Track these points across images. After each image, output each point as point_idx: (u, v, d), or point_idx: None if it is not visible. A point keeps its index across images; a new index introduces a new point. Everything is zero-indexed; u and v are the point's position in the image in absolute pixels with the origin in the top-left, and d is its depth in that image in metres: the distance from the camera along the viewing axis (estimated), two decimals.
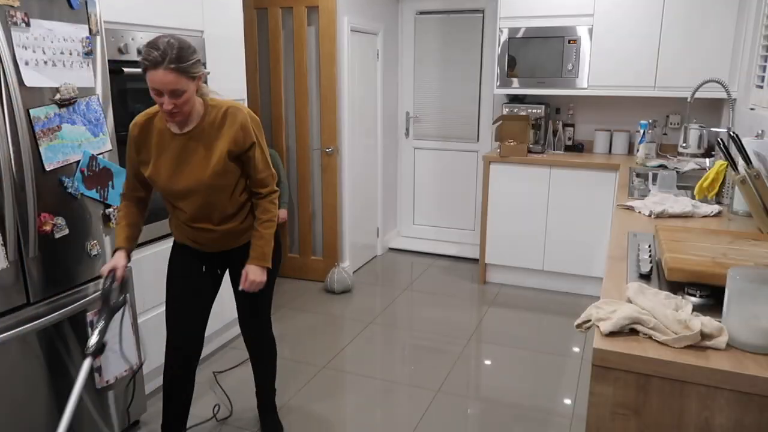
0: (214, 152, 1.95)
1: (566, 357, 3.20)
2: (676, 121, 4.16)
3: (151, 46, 1.77)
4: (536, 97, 4.35)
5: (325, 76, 4.01)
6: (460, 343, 3.35)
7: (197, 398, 2.73)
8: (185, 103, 1.85)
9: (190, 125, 1.97)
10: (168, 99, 1.81)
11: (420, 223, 5.21)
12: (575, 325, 1.35)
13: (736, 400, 1.14)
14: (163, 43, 1.77)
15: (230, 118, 1.96)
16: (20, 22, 1.85)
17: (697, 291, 1.43)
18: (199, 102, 1.97)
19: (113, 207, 2.25)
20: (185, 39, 1.85)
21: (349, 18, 4.07)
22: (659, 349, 1.20)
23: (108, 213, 2.24)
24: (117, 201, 2.26)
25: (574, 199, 3.89)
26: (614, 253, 1.85)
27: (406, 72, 4.97)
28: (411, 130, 5.05)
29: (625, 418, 1.24)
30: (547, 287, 4.18)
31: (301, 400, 2.78)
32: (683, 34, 3.69)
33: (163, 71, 1.76)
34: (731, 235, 1.75)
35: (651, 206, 2.36)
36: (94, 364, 2.22)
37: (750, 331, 1.18)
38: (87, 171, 2.12)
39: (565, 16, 3.92)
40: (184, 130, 1.97)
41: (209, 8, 2.88)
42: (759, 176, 1.95)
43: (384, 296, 4.05)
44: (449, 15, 4.72)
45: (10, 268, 1.89)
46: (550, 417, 2.65)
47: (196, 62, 1.85)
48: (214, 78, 2.94)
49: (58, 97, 1.99)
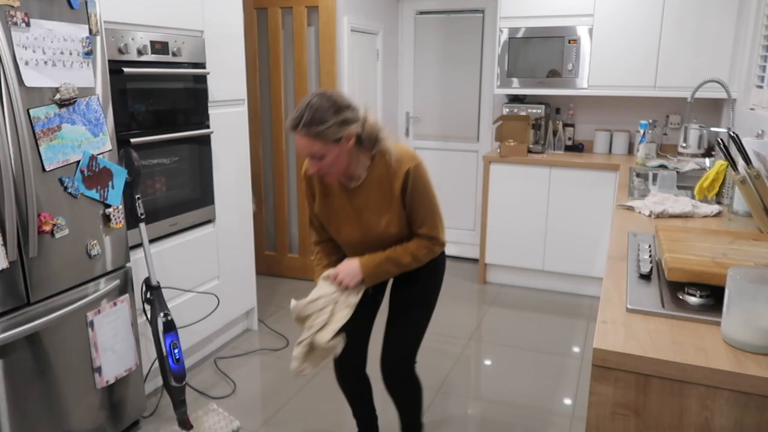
0: (383, 205, 1.87)
1: (566, 357, 3.20)
2: (676, 121, 4.16)
3: (299, 106, 1.74)
4: (536, 97, 4.35)
5: (325, 76, 4.01)
6: (460, 343, 3.35)
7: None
8: (331, 165, 1.76)
9: (356, 182, 1.89)
10: (310, 161, 1.77)
11: None
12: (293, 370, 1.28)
13: (736, 400, 1.14)
14: (303, 104, 1.72)
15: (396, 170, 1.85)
16: (20, 22, 1.85)
17: (697, 291, 1.43)
18: (365, 156, 1.86)
19: (113, 207, 2.25)
20: (337, 96, 1.77)
21: (349, 18, 4.07)
22: (659, 349, 1.20)
23: (108, 213, 2.24)
24: (117, 201, 2.26)
25: (574, 200, 3.89)
26: (614, 253, 1.85)
27: (406, 72, 4.97)
28: (411, 130, 5.05)
29: (625, 418, 1.24)
30: (547, 287, 4.18)
31: (301, 400, 2.78)
32: (683, 34, 3.70)
33: (298, 135, 1.73)
34: (731, 235, 1.75)
35: (651, 206, 2.36)
36: (95, 363, 2.23)
37: (750, 331, 1.18)
38: (87, 171, 2.12)
39: (565, 16, 3.92)
40: (351, 186, 1.89)
41: (209, 8, 2.88)
42: (759, 176, 1.95)
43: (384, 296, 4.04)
44: (449, 15, 4.72)
45: (10, 268, 1.89)
46: (550, 417, 2.65)
47: (336, 125, 1.72)
48: (214, 78, 2.95)
49: (58, 97, 1.99)
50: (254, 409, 2.71)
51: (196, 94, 2.85)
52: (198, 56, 2.83)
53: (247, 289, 3.42)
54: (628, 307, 1.41)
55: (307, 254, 4.36)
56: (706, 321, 1.33)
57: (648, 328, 1.31)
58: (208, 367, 3.07)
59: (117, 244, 2.31)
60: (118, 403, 2.37)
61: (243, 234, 3.33)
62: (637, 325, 1.32)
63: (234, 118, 3.17)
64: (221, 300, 3.15)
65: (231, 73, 3.10)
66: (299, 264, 4.39)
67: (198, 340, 3.04)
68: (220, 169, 3.07)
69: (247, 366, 3.10)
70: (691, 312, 1.37)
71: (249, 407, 2.73)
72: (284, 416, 2.65)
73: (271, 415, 2.67)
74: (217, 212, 3.08)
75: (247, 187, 3.33)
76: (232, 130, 3.15)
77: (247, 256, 3.38)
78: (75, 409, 2.18)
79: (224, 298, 3.20)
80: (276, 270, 4.47)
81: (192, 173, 2.89)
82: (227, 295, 3.22)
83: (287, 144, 4.26)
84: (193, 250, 2.93)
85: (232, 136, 3.17)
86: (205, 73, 2.87)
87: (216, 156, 3.03)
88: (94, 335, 2.21)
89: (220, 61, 3.00)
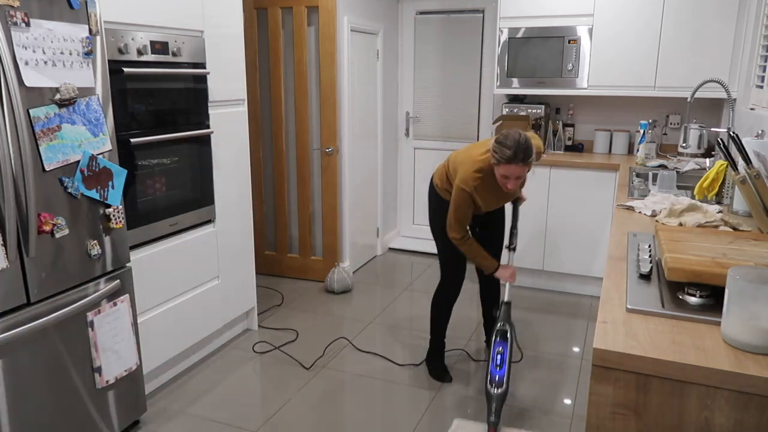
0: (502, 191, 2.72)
1: (566, 357, 3.20)
2: (676, 121, 4.16)
3: (517, 142, 2.38)
4: (536, 97, 4.35)
5: (325, 76, 4.01)
6: (460, 343, 3.35)
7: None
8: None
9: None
10: (512, 181, 2.48)
11: (420, 223, 5.21)
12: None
13: (736, 400, 1.14)
14: (523, 142, 2.38)
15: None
16: (20, 22, 1.85)
17: (697, 291, 1.43)
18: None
19: (113, 207, 2.25)
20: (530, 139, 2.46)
21: (349, 18, 4.07)
22: (659, 349, 1.20)
23: (108, 213, 2.24)
24: (117, 201, 2.26)
25: (574, 200, 3.89)
26: (614, 253, 1.85)
27: (406, 72, 4.97)
28: (411, 130, 5.06)
29: (625, 418, 1.24)
30: (547, 287, 4.18)
31: (301, 400, 2.78)
32: (683, 34, 3.69)
33: (519, 165, 2.41)
34: (731, 235, 1.75)
35: (652, 206, 2.36)
36: (95, 363, 2.23)
37: (750, 331, 1.18)
38: (87, 171, 2.12)
39: (565, 16, 3.92)
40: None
41: (209, 8, 2.88)
42: (759, 176, 1.95)
43: (384, 296, 4.05)
44: (449, 15, 4.72)
45: (10, 268, 1.89)
46: (550, 417, 2.65)
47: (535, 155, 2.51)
48: (214, 78, 2.95)
49: (58, 97, 1.99)
50: (254, 409, 2.71)
51: (196, 94, 2.85)
52: (198, 56, 2.83)
53: (247, 289, 3.42)
54: (628, 307, 1.41)
55: (307, 254, 4.36)
56: (706, 321, 1.33)
57: (648, 328, 1.31)
58: (208, 367, 3.07)
59: (117, 244, 2.31)
60: (118, 403, 2.37)
61: (243, 234, 3.33)
62: (637, 325, 1.32)
63: (234, 118, 3.17)
64: (221, 300, 3.15)
65: (231, 73, 3.10)
66: (299, 264, 4.39)
67: (198, 340, 3.04)
68: (220, 169, 3.07)
69: (247, 366, 3.10)
70: (691, 312, 1.37)
71: (249, 407, 2.73)
72: (284, 416, 2.65)
73: (271, 415, 2.67)
74: (217, 212, 3.08)
75: (247, 187, 3.33)
76: (232, 130, 3.15)
77: (247, 256, 3.38)
78: (75, 408, 2.18)
79: (224, 298, 3.20)
80: (276, 270, 4.47)
81: (192, 173, 2.89)
82: (227, 295, 3.22)
83: (287, 144, 4.26)
84: (193, 250, 2.93)
85: (232, 136, 3.17)
86: (205, 73, 2.87)
87: (216, 156, 3.03)
88: (94, 335, 2.21)
89: (220, 61, 3.00)
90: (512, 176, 2.44)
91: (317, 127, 4.16)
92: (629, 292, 1.50)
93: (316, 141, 4.19)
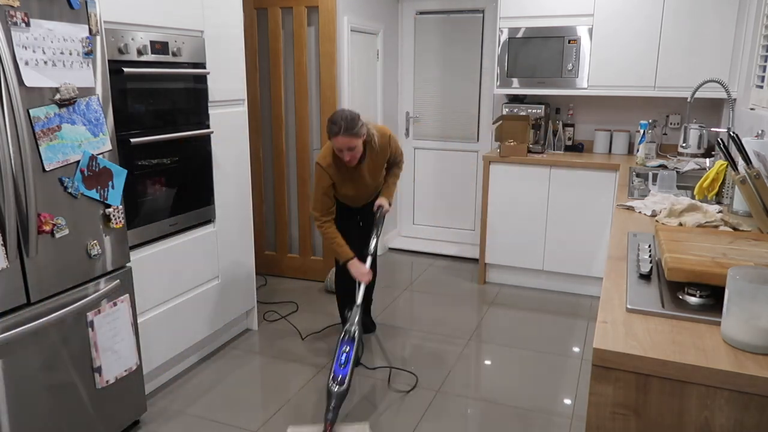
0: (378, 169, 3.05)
1: (566, 357, 3.20)
2: (676, 121, 4.16)
3: (333, 119, 2.71)
4: (536, 97, 4.35)
5: (325, 76, 4.01)
6: (460, 343, 3.35)
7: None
8: (356, 152, 2.80)
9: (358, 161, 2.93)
10: (345, 153, 2.77)
11: (420, 223, 5.21)
12: None
13: (736, 400, 1.14)
14: (337, 118, 2.70)
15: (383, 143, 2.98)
16: (20, 22, 1.85)
17: (697, 291, 1.43)
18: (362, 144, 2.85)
19: (113, 207, 2.25)
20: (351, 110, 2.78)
21: (349, 18, 4.07)
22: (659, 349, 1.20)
23: (108, 213, 2.24)
24: (117, 201, 2.26)
25: (574, 199, 3.89)
26: (614, 253, 1.85)
27: (406, 72, 4.97)
28: (411, 130, 5.05)
29: (625, 418, 1.24)
30: (547, 287, 4.18)
31: (300, 400, 2.78)
32: (683, 34, 3.70)
33: (341, 137, 2.71)
34: (731, 235, 1.75)
35: (652, 206, 2.36)
36: (95, 363, 2.23)
37: (750, 331, 1.18)
38: (87, 171, 2.12)
39: (565, 16, 3.92)
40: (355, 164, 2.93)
41: (209, 8, 2.88)
42: (759, 176, 1.95)
43: (384, 296, 4.05)
44: (449, 15, 4.72)
45: (10, 268, 1.89)
46: (550, 417, 2.65)
47: (360, 126, 2.76)
48: (214, 78, 2.95)
49: (58, 97, 1.99)
50: (254, 409, 2.71)
51: (196, 94, 2.85)
52: (198, 56, 2.83)
53: (247, 289, 3.42)
54: (628, 307, 1.41)
55: (307, 254, 4.36)
56: (706, 321, 1.33)
57: (648, 328, 1.31)
58: (208, 367, 3.07)
59: (117, 244, 2.31)
60: (118, 403, 2.37)
61: (243, 234, 3.33)
62: (637, 325, 1.32)
63: (234, 117, 3.17)
64: (221, 300, 3.15)
65: (231, 73, 3.10)
66: (299, 264, 4.39)
67: (198, 340, 3.04)
68: (220, 169, 3.07)
69: (247, 366, 3.10)
70: (691, 312, 1.37)
71: (249, 407, 2.73)
72: (284, 416, 2.65)
73: (271, 415, 2.67)
74: (217, 212, 3.08)
75: (247, 186, 3.33)
76: (232, 130, 3.15)
77: (247, 256, 3.38)
78: (75, 408, 2.18)
79: (224, 298, 3.20)
80: (276, 270, 4.47)
81: (192, 173, 2.89)
82: (227, 295, 3.22)
83: (287, 144, 4.26)
84: (193, 250, 2.93)
85: (232, 136, 3.17)
86: (205, 73, 2.87)
87: (216, 156, 3.03)
88: (94, 335, 2.21)
89: (220, 61, 3.00)
90: (344, 147, 2.74)
91: (317, 127, 4.16)
92: (629, 292, 1.50)
93: (316, 141, 4.19)
